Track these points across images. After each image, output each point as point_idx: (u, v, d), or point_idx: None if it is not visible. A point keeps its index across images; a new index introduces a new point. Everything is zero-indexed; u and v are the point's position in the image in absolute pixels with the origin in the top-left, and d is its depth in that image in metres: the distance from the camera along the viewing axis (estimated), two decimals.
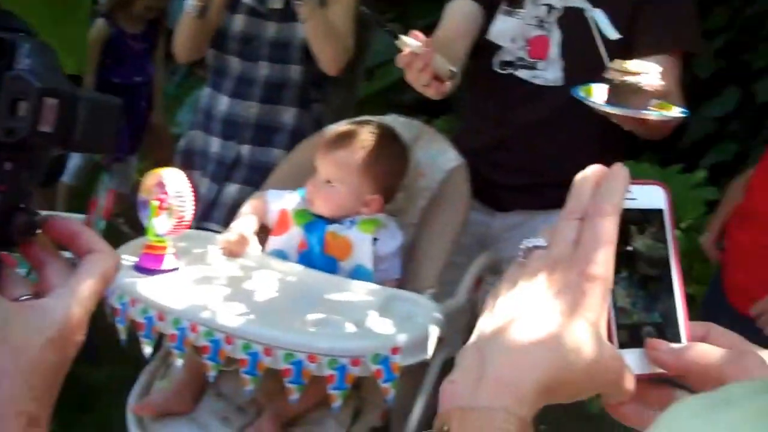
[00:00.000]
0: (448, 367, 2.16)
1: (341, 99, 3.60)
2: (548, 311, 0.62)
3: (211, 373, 1.91)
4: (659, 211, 0.69)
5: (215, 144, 2.89)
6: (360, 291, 2.09)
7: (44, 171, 0.72)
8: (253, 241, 2.29)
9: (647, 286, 0.69)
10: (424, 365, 1.98)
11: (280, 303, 2.03)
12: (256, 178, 2.70)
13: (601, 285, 0.63)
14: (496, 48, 2.35)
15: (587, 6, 2.03)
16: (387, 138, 2.31)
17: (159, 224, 2.11)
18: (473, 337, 0.65)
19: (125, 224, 3.98)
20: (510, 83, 2.34)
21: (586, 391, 0.63)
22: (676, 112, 1.92)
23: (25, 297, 0.69)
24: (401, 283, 2.25)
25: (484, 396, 0.60)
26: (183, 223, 2.13)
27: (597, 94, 1.92)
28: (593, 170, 0.67)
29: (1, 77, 0.65)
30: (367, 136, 2.28)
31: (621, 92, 1.85)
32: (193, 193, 2.11)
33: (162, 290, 2.00)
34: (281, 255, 2.26)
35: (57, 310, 0.68)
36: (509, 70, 2.34)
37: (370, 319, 1.96)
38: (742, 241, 2.38)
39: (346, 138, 2.27)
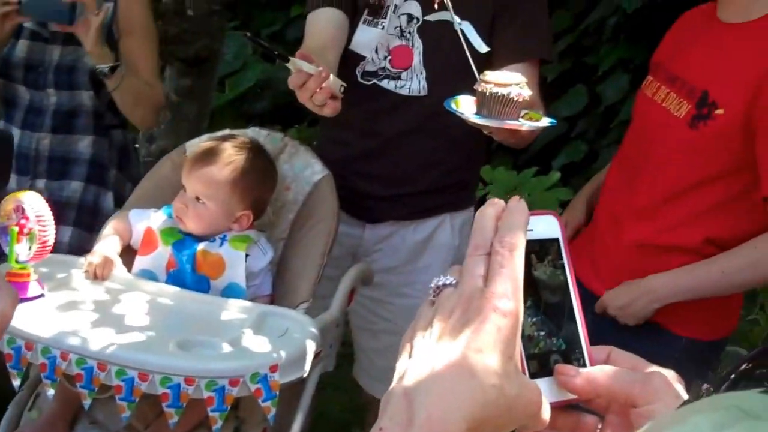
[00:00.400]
0: (323, 380, 2.18)
1: (194, 112, 3.56)
2: (466, 349, 0.63)
3: (86, 402, 1.86)
4: (555, 240, 0.73)
5: (11, 180, 2.61)
6: (233, 309, 2.08)
7: None
8: (118, 263, 2.23)
9: (550, 312, 0.72)
10: (301, 381, 1.98)
11: (152, 325, 1.99)
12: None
13: (514, 319, 0.64)
14: (359, 58, 2.36)
15: (456, 19, 2.06)
16: (254, 152, 2.30)
17: (21, 251, 2.04)
18: (394, 381, 0.65)
19: None
20: (375, 93, 2.36)
21: (509, 425, 0.65)
22: (545, 122, 1.98)
23: None
24: (273, 299, 2.25)
25: None
26: (46, 248, 2.06)
27: (466, 106, 1.94)
28: (493, 205, 0.69)
29: None
30: (233, 151, 2.25)
31: (491, 104, 1.87)
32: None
33: (28, 319, 1.92)
34: (149, 275, 2.22)
35: None
36: (373, 81, 2.36)
37: (245, 338, 1.95)
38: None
39: (212, 154, 2.24)
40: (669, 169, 2.07)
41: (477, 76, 1.90)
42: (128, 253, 2.28)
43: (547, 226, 0.73)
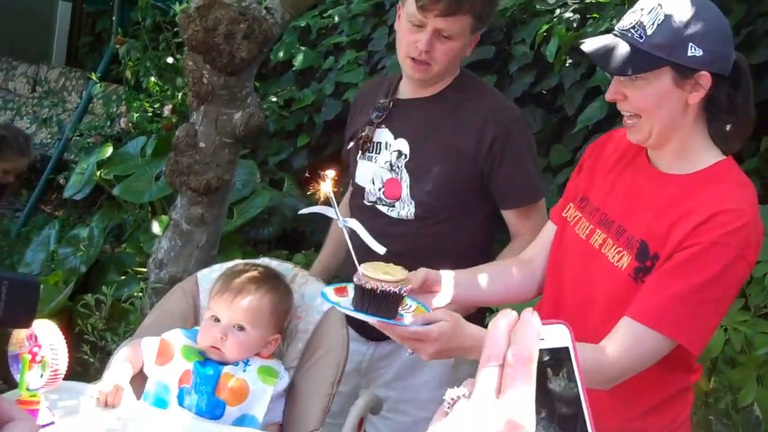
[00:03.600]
0: None
1: (204, 240, 3.59)
2: None
3: None
4: (566, 348, 0.74)
5: None
6: None
7: None
8: (128, 390, 2.23)
9: (563, 424, 0.72)
10: None
11: None
12: None
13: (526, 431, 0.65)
14: (362, 189, 2.58)
15: (340, 217, 1.90)
16: (279, 279, 2.41)
17: (32, 378, 2.04)
18: None
19: None
20: (375, 215, 2.53)
21: None
22: (415, 322, 1.80)
23: None
24: (283, 427, 2.23)
25: None
26: (57, 376, 2.06)
27: (345, 298, 1.86)
28: (505, 316, 0.71)
29: None
30: (267, 280, 2.34)
31: (366, 298, 1.77)
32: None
33: None
34: (163, 388, 2.22)
35: None
36: (373, 205, 2.57)
37: None
38: None
39: (249, 283, 2.30)
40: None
41: (358, 267, 1.81)
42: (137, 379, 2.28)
43: (558, 336, 0.74)
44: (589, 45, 1.91)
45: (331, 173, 1.81)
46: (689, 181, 1.89)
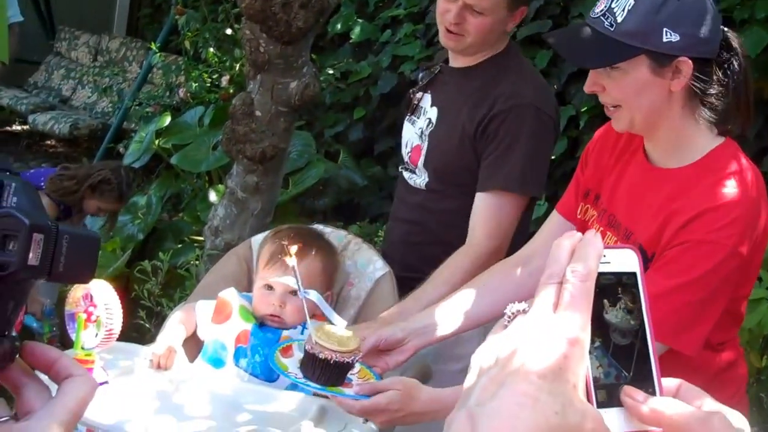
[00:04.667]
0: None
1: (259, 208, 3.61)
2: (531, 375, 0.64)
3: None
4: (633, 274, 0.72)
5: None
6: (294, 402, 2.07)
7: (26, 299, 0.75)
8: (181, 353, 2.26)
9: (619, 354, 0.71)
10: None
11: (213, 416, 2.00)
12: None
13: (580, 348, 0.65)
14: (401, 150, 2.64)
15: (301, 288, 1.95)
16: (321, 237, 2.45)
17: (87, 337, 2.07)
18: (459, 402, 0.66)
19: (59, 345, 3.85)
20: (401, 179, 2.62)
21: None
22: (369, 390, 1.82)
23: (3, 419, 0.70)
24: None
25: None
26: (112, 335, 2.09)
27: (291, 359, 1.90)
28: (569, 237, 0.70)
29: None
30: (311, 241, 2.37)
31: (322, 366, 1.78)
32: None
33: (91, 405, 1.93)
34: (220, 346, 2.25)
35: None
36: (403, 171, 2.62)
37: (305, 431, 1.93)
38: None
39: (305, 247, 2.29)
40: None
41: (310, 331, 1.84)
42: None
43: (624, 260, 0.72)
44: (555, 36, 1.83)
45: (294, 249, 1.89)
46: (681, 175, 1.78)
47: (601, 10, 1.74)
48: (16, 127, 8.12)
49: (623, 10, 1.70)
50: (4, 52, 3.68)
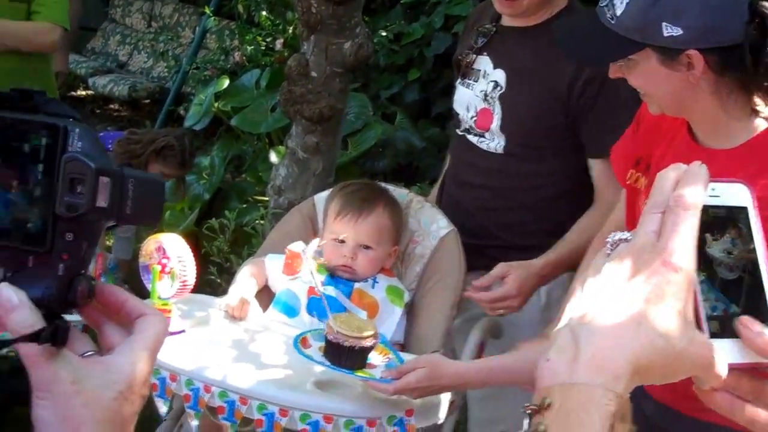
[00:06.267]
0: (458, 429, 2.19)
1: (320, 167, 3.65)
2: (634, 297, 0.66)
3: None
4: (744, 209, 0.71)
5: None
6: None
7: (99, 240, 0.78)
8: (254, 304, 2.31)
9: (728, 288, 0.70)
10: (436, 428, 2.01)
11: (289, 364, 2.04)
12: None
13: (684, 275, 0.66)
14: (458, 115, 2.54)
15: (320, 288, 2.19)
16: (388, 191, 2.49)
17: (162, 288, 2.13)
18: (563, 320, 0.68)
19: (129, 290, 3.95)
20: (466, 146, 2.50)
21: (676, 375, 0.67)
22: (379, 370, 1.99)
23: (89, 353, 0.73)
24: (404, 347, 2.28)
25: (582, 373, 0.64)
26: (186, 286, 2.15)
27: (318, 352, 2.00)
28: (675, 168, 0.71)
29: (57, 159, 0.71)
30: (379, 196, 2.42)
31: (334, 350, 1.94)
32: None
33: (171, 352, 2.00)
34: (292, 296, 2.31)
35: (124, 366, 0.72)
36: (464, 134, 2.52)
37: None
38: None
39: (365, 202, 2.37)
40: None
41: (330, 322, 1.97)
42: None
43: (735, 194, 0.71)
44: (558, 28, 1.79)
45: (310, 251, 2.11)
46: (729, 157, 1.61)
47: (606, 0, 1.63)
48: (81, 92, 8.25)
49: (622, 2, 1.59)
50: (65, 18, 3.76)
